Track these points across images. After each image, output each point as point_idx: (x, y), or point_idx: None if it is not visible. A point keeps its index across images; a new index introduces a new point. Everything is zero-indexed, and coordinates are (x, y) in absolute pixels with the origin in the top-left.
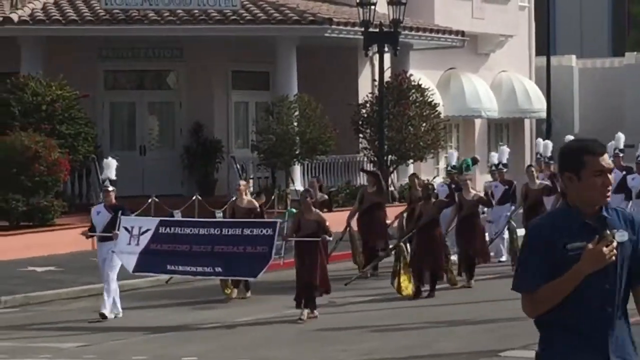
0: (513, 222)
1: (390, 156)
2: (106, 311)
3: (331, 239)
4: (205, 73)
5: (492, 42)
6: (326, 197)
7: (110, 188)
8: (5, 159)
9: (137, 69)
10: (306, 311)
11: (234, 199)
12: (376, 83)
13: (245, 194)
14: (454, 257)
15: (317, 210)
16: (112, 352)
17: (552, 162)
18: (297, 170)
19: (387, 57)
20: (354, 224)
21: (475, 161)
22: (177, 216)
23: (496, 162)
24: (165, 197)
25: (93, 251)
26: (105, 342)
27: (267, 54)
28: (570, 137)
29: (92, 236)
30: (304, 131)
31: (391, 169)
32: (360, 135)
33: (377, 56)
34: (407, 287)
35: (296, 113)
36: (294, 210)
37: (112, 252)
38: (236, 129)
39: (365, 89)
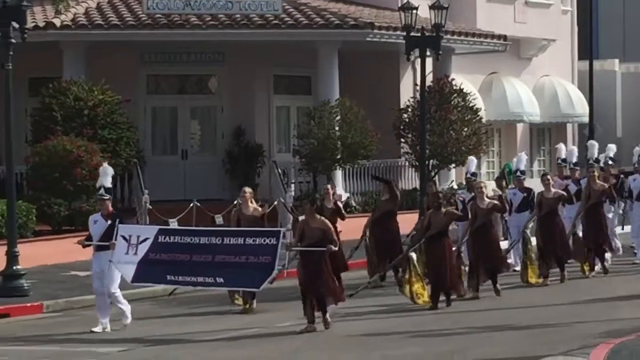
0: (528, 232)
1: (431, 161)
2: (128, 320)
3: (336, 248)
4: (246, 77)
5: (534, 46)
6: (339, 204)
7: (106, 196)
8: (48, 164)
9: (179, 73)
10: (327, 316)
11: (237, 205)
12: (418, 87)
13: (251, 202)
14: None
15: (322, 218)
16: (153, 357)
17: (577, 167)
18: (339, 175)
19: (429, 61)
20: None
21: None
22: (219, 221)
23: (515, 168)
24: (206, 201)
25: None
26: (145, 347)
27: (309, 58)
28: (612, 147)
29: (88, 245)
30: (346, 136)
31: (433, 173)
32: (402, 139)
33: (418, 60)
34: (423, 294)
35: (338, 117)
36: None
37: (110, 262)
38: (277, 134)
39: (406, 93)
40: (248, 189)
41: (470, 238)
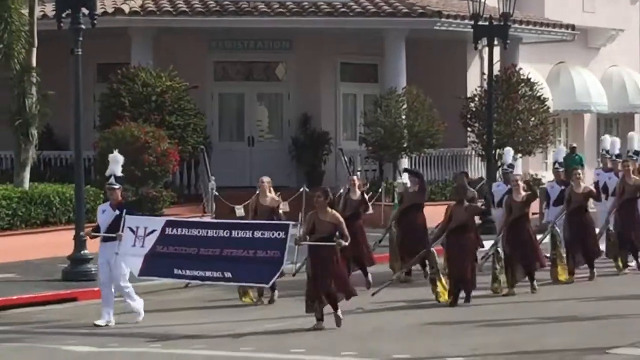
0: (557, 227)
1: (498, 150)
2: (140, 317)
3: (346, 243)
4: (313, 65)
5: (602, 36)
6: (365, 195)
7: (116, 185)
8: (116, 149)
9: (246, 60)
10: (322, 323)
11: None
12: (485, 76)
13: (270, 191)
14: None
15: (334, 212)
16: (221, 344)
17: (619, 159)
18: (405, 163)
19: (496, 50)
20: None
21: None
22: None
23: (553, 160)
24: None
25: None
26: (214, 332)
27: (376, 46)
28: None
29: (96, 236)
30: (412, 124)
31: (499, 163)
32: (469, 128)
33: (486, 49)
34: (444, 292)
35: (404, 106)
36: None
37: (116, 255)
38: (344, 121)
39: (474, 82)
40: (266, 179)
41: (505, 233)
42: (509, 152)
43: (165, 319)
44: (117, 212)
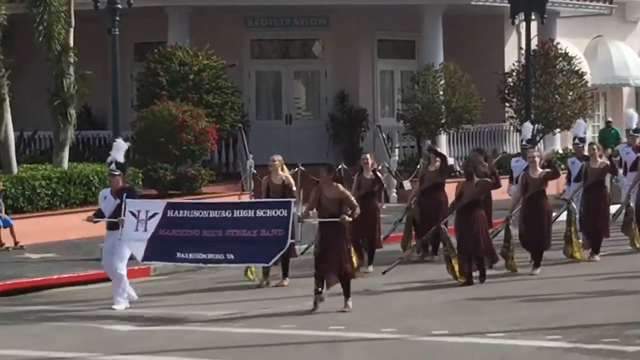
0: (573, 203)
1: (536, 125)
2: (119, 306)
3: (350, 219)
4: (350, 42)
5: None
6: (378, 174)
7: (117, 172)
8: (153, 128)
9: (283, 37)
10: (349, 301)
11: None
12: (523, 51)
13: (282, 169)
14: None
15: (339, 186)
16: (259, 322)
17: (638, 134)
18: (443, 139)
19: (533, 25)
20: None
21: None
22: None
23: (573, 136)
24: (310, 166)
25: None
26: (252, 310)
27: (413, 22)
28: None
29: (98, 221)
30: (450, 100)
31: (538, 138)
32: (507, 104)
33: (523, 24)
34: (463, 272)
35: (442, 82)
36: None
37: (118, 240)
38: (381, 98)
39: (511, 57)
40: (277, 157)
41: (522, 210)
42: (527, 127)
43: (197, 299)
44: (119, 199)
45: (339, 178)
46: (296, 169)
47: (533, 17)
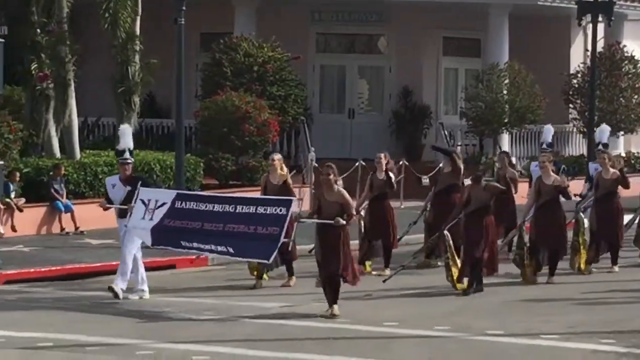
0: (582, 214)
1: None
2: (117, 288)
3: (344, 222)
4: (415, 38)
5: None
6: (391, 174)
7: (130, 160)
8: (216, 118)
9: (348, 32)
10: (335, 306)
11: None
12: (588, 53)
13: (281, 169)
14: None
15: (341, 190)
16: (314, 315)
17: None
18: (505, 138)
19: (600, 27)
20: None
21: None
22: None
23: (597, 141)
24: (371, 161)
25: (304, 211)
26: (306, 303)
27: (479, 20)
28: None
29: (109, 208)
30: (514, 99)
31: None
32: (571, 105)
33: (590, 26)
34: (458, 282)
35: (506, 81)
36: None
37: (125, 227)
38: (445, 96)
39: (576, 58)
40: (277, 156)
41: (534, 216)
42: (549, 130)
43: (252, 290)
44: (129, 187)
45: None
46: (357, 163)
47: (600, 19)
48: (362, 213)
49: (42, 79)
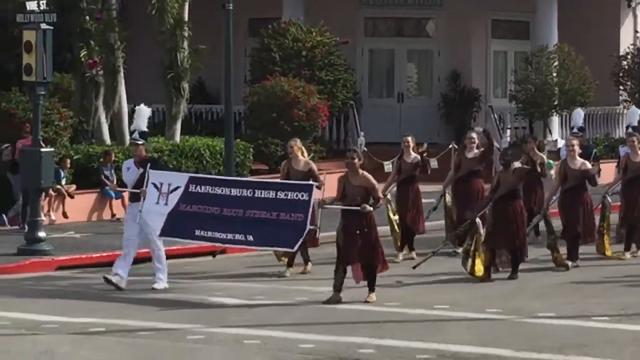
0: (609, 198)
1: None
2: (160, 285)
3: (371, 209)
4: (464, 21)
5: None
6: (422, 157)
7: (140, 141)
8: (266, 104)
9: (397, 16)
10: (373, 294)
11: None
12: (638, 34)
13: (302, 155)
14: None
15: (366, 174)
16: (363, 299)
17: None
18: (555, 121)
19: None
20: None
21: None
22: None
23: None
24: (421, 145)
25: None
26: (359, 287)
27: (528, 3)
28: None
29: (122, 191)
30: (563, 82)
31: None
32: (621, 87)
33: None
34: (481, 270)
35: (555, 63)
36: (552, 162)
37: (140, 212)
38: (494, 78)
39: (626, 40)
40: (295, 142)
41: (560, 202)
42: (578, 114)
43: (291, 277)
44: (142, 169)
45: (366, 165)
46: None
47: None
48: (389, 197)
49: (91, 66)
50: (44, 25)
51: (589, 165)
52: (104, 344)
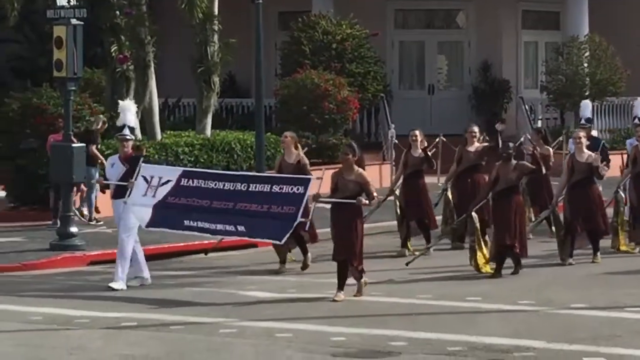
0: (621, 192)
1: None
2: (116, 284)
3: (366, 202)
4: (494, 12)
5: None
6: (426, 151)
7: (130, 137)
8: (296, 97)
9: (426, 7)
10: (341, 293)
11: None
12: None
13: (296, 147)
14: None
15: (360, 170)
16: (396, 291)
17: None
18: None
19: None
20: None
21: None
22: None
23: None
24: (452, 136)
25: (383, 189)
26: (389, 279)
27: None
28: None
29: (106, 185)
30: (594, 72)
31: None
32: None
33: None
34: (485, 266)
35: (586, 54)
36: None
37: (124, 204)
38: (525, 69)
39: None
40: (289, 133)
41: (567, 196)
42: (586, 105)
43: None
44: (128, 166)
45: (361, 161)
46: (437, 139)
47: None
48: (397, 192)
49: (122, 61)
50: (74, 21)
51: (596, 158)
52: (136, 338)
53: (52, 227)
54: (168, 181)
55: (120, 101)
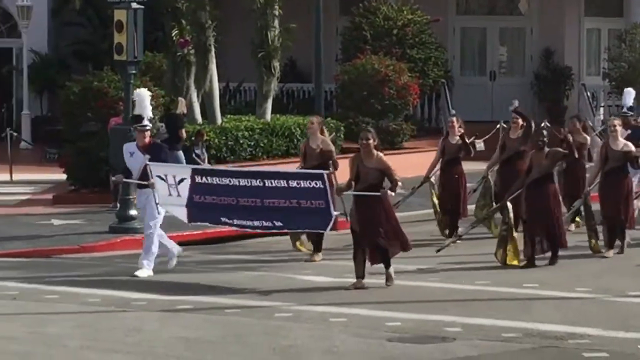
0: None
1: None
2: (141, 272)
3: (393, 193)
4: None
5: None
6: (464, 138)
7: (147, 126)
8: (356, 82)
9: None
10: (390, 269)
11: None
12: None
13: (322, 132)
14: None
15: (381, 156)
16: (453, 277)
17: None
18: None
19: None
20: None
21: None
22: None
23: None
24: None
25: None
26: (448, 265)
27: None
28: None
29: (128, 182)
30: None
31: None
32: None
33: None
34: (512, 260)
35: None
36: None
37: (157, 205)
38: (587, 56)
39: None
40: (316, 119)
41: (600, 185)
42: (629, 93)
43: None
44: (148, 156)
45: (379, 146)
46: (498, 126)
47: None
48: (433, 180)
49: (182, 45)
50: (134, 5)
51: (632, 147)
52: (191, 321)
53: (112, 210)
54: (183, 179)
55: (136, 90)
